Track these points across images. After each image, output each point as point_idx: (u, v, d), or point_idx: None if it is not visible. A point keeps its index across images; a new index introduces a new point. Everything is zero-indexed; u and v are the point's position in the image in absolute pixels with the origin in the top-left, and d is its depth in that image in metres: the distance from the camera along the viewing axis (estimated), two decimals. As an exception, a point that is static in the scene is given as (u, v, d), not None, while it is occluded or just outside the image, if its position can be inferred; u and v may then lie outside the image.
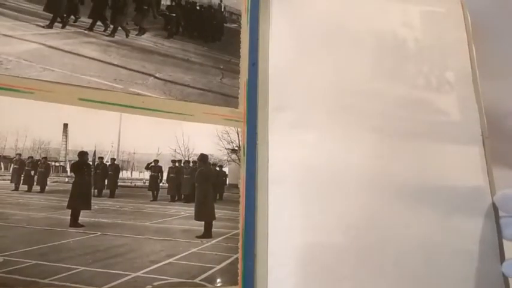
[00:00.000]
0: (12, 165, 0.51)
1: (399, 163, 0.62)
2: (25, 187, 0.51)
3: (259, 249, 0.59)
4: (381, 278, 0.55)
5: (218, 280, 0.55)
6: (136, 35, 0.62)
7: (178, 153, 0.58)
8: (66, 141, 0.53)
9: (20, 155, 0.52)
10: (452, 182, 0.63)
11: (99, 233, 0.52)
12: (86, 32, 0.59)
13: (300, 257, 0.57)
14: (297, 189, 0.60)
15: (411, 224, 0.59)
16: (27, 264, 0.48)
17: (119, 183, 0.55)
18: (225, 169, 0.61)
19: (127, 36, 0.61)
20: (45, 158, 0.53)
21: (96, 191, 0.54)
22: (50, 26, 0.57)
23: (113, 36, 0.60)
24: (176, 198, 0.57)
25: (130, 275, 0.52)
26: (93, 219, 0.52)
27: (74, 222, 0.51)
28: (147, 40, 0.62)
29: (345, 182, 0.59)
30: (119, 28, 0.61)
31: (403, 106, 0.66)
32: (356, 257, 0.55)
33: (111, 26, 0.61)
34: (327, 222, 0.58)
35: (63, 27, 0.58)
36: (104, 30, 0.60)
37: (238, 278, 0.57)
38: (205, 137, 0.61)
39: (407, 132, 0.65)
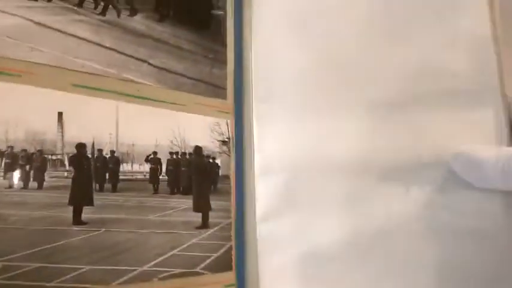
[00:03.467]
0: (3, 159, 0.45)
1: (397, 139, 0.58)
2: (21, 184, 0.46)
3: (248, 237, 0.63)
4: (378, 264, 0.57)
5: (216, 267, 0.58)
6: (128, 15, 0.57)
7: (175, 144, 0.58)
8: (62, 132, 0.49)
9: (12, 147, 0.46)
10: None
11: (104, 229, 0.50)
12: (75, 8, 0.52)
13: (288, 243, 0.62)
14: (285, 179, 0.64)
15: (411, 203, 0.57)
16: (30, 267, 0.44)
17: (120, 177, 0.53)
18: (218, 161, 0.63)
19: (118, 16, 0.56)
20: (41, 150, 0.47)
21: (97, 185, 0.51)
22: (34, -3, 0.50)
23: (104, 15, 0.55)
24: (175, 190, 0.57)
25: (136, 269, 0.51)
26: (96, 215, 0.50)
27: (77, 220, 0.48)
28: (139, 22, 0.58)
29: (334, 168, 0.61)
30: (110, 6, 0.56)
31: (403, 74, 0.60)
32: (347, 248, 0.61)
33: (102, 4, 0.55)
34: (315, 212, 0.63)
35: (49, 0, 0.51)
36: (94, 8, 0.54)
37: (232, 263, 0.60)
38: (199, 128, 0.61)
39: (408, 104, 0.58)
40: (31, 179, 0.47)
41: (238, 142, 0.65)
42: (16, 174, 0.45)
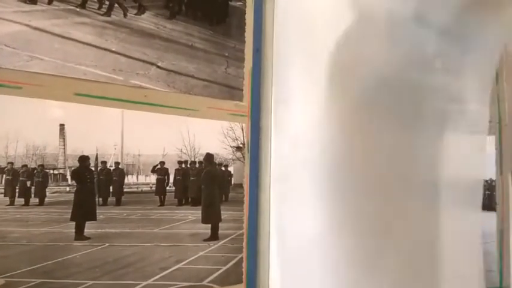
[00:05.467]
0: (4, 176, 0.44)
1: (402, 156, 0.59)
2: (21, 200, 0.45)
3: (261, 248, 0.60)
4: (383, 275, 0.58)
5: (225, 280, 0.56)
6: (135, 14, 0.53)
7: (185, 153, 0.55)
8: (65, 145, 0.47)
9: (12, 163, 0.45)
10: (455, 175, 0.60)
11: (107, 244, 0.49)
12: (77, 9, 0.49)
13: (301, 255, 0.59)
14: (300, 188, 0.60)
15: (413, 219, 0.59)
16: (32, 283, 0.44)
17: (125, 189, 0.51)
18: (230, 168, 0.59)
19: (125, 15, 0.52)
20: (42, 165, 0.46)
21: (100, 199, 0.50)
22: (33, 1, 0.47)
23: (109, 16, 0.51)
24: (183, 201, 0.55)
25: (140, 283, 0.50)
26: (99, 230, 0.49)
27: (79, 235, 0.47)
28: (147, 21, 0.54)
29: (349, 180, 0.59)
30: (115, 5, 0.52)
31: (414, 92, 0.60)
32: (358, 256, 0.59)
33: (107, 3, 0.51)
34: (328, 222, 0.60)
35: (49, 2, 0.47)
36: (99, 8, 0.51)
37: (243, 276, 0.58)
38: (211, 134, 0.58)
39: (416, 123, 0.60)
40: (32, 195, 0.46)
41: (254, 147, 0.61)
42: (17, 191, 0.45)
